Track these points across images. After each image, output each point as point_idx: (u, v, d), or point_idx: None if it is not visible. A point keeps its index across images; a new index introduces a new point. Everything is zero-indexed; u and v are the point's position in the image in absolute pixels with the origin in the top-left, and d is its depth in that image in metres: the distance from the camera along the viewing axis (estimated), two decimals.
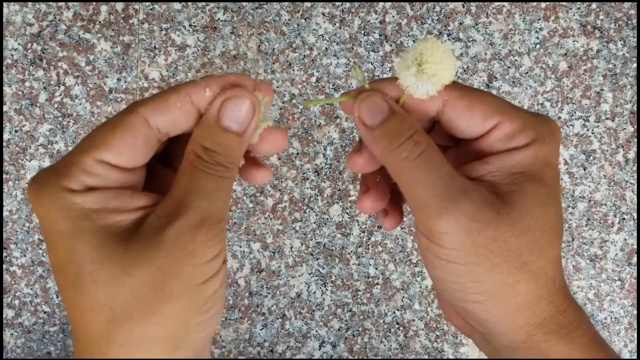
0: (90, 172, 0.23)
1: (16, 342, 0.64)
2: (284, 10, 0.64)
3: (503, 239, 0.24)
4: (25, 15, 0.64)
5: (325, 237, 0.65)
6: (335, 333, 0.65)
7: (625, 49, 0.65)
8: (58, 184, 0.23)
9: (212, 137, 0.24)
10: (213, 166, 0.24)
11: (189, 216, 0.23)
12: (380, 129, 0.25)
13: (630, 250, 0.66)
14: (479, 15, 0.65)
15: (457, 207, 0.23)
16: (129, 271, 0.22)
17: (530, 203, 0.24)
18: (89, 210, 0.23)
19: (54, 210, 0.23)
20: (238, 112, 0.24)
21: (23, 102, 0.63)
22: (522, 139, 0.25)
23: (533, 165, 0.25)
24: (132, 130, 0.24)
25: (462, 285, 0.25)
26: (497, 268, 0.24)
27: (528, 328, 0.25)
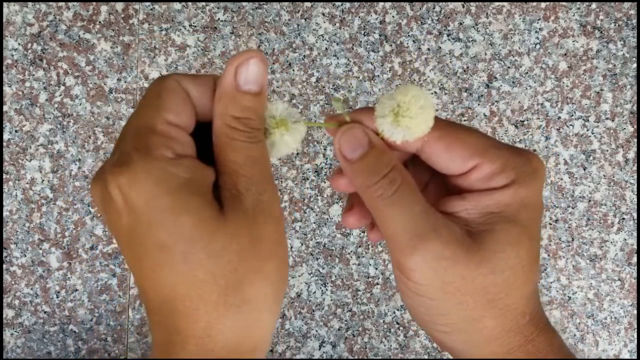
0: (169, 136, 0.24)
1: (16, 342, 0.64)
2: (284, 11, 0.64)
3: (470, 277, 0.25)
4: (26, 15, 0.64)
5: (325, 237, 0.65)
6: (335, 333, 0.65)
7: (625, 49, 0.65)
8: (151, 156, 0.23)
9: (240, 104, 0.25)
10: (250, 133, 0.25)
11: (255, 184, 0.24)
12: (359, 164, 0.26)
13: (630, 250, 0.66)
14: (479, 16, 0.65)
15: (426, 246, 0.24)
16: (234, 239, 0.24)
17: (501, 243, 0.25)
18: (186, 180, 0.23)
19: (152, 185, 0.23)
20: (254, 73, 0.25)
21: (23, 102, 0.64)
22: (501, 180, 0.26)
23: (509, 206, 0.26)
24: (175, 90, 0.25)
25: (430, 317, 0.26)
26: (463, 305, 0.25)
27: (496, 355, 0.26)
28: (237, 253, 0.24)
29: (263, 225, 0.24)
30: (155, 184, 0.23)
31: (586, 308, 0.66)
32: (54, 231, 0.64)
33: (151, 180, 0.23)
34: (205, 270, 0.23)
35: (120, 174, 0.23)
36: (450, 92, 0.65)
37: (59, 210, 0.64)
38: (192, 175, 0.23)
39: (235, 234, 0.24)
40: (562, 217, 0.66)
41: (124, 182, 0.23)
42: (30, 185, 0.64)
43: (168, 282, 0.24)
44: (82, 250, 0.64)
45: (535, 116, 0.65)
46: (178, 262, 0.23)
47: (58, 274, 0.64)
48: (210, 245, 0.23)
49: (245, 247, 0.24)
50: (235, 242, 0.24)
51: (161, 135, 0.24)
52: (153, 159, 0.23)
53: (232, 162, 0.25)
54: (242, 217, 0.24)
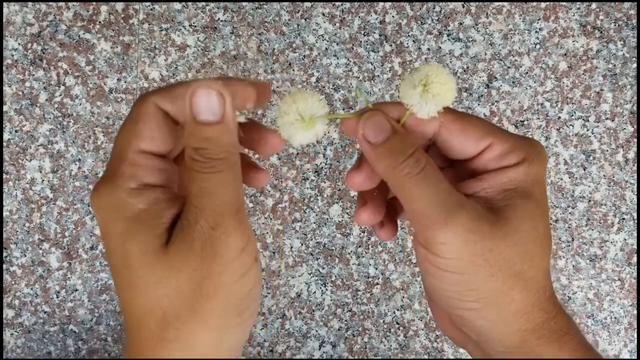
0: (137, 164, 0.25)
1: (16, 342, 0.64)
2: (284, 11, 0.64)
3: (498, 249, 0.25)
4: (26, 15, 0.64)
5: (325, 237, 0.65)
6: (335, 333, 0.65)
7: (625, 49, 0.65)
8: (114, 184, 0.24)
9: (196, 135, 0.25)
10: (207, 163, 0.24)
11: (204, 219, 0.24)
12: (384, 147, 0.26)
13: (630, 250, 0.66)
14: (479, 16, 0.65)
15: (455, 219, 0.25)
16: (172, 274, 0.24)
17: (522, 217, 0.26)
18: (140, 210, 0.24)
19: (110, 211, 0.24)
20: (208, 103, 0.25)
21: (23, 102, 0.64)
22: (513, 158, 0.27)
23: (524, 182, 0.27)
24: (150, 115, 0.25)
25: (458, 294, 0.26)
26: (492, 277, 0.25)
27: (522, 333, 0.26)
28: (174, 288, 0.24)
29: (210, 264, 0.24)
30: (113, 210, 0.24)
31: (586, 308, 0.66)
32: (54, 231, 0.64)
33: (111, 208, 0.24)
34: (144, 300, 0.24)
35: (92, 199, 0.25)
36: None
37: (59, 210, 0.64)
38: (148, 206, 0.24)
39: (174, 268, 0.24)
40: (562, 217, 0.66)
41: (94, 206, 0.25)
42: (30, 185, 0.64)
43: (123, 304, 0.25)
44: (82, 250, 0.64)
45: (535, 116, 0.65)
46: (125, 288, 0.24)
47: (58, 274, 0.64)
48: (147, 276, 0.24)
49: (184, 283, 0.24)
50: (173, 276, 0.24)
51: (129, 164, 0.25)
52: (116, 187, 0.24)
53: (190, 193, 0.25)
54: (187, 251, 0.24)
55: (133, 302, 0.24)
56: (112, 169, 0.25)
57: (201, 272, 0.24)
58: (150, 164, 0.25)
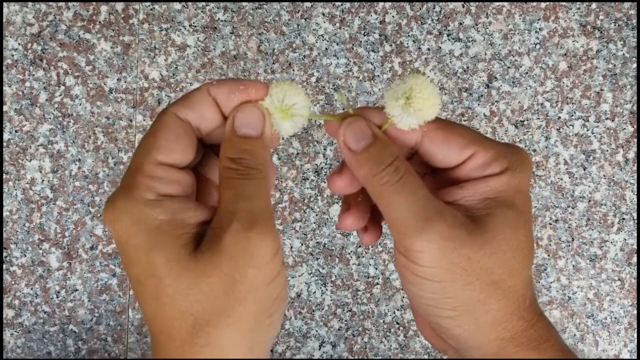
0: (154, 176, 0.25)
1: (16, 342, 0.64)
2: (284, 11, 0.64)
3: (475, 258, 0.25)
4: (26, 15, 0.64)
5: (325, 237, 0.65)
6: (335, 333, 0.65)
7: (625, 49, 0.65)
8: (131, 196, 0.24)
9: (235, 147, 0.26)
10: (244, 170, 0.26)
11: (239, 221, 0.24)
12: (364, 154, 0.27)
13: (630, 250, 0.66)
14: (479, 16, 0.65)
15: (432, 226, 0.25)
16: (203, 280, 0.24)
17: (502, 226, 0.26)
18: (161, 221, 0.24)
19: (129, 224, 0.24)
20: (250, 118, 0.26)
21: (23, 102, 0.64)
22: (496, 167, 0.27)
23: (505, 191, 0.27)
24: (171, 127, 0.26)
25: (436, 302, 0.26)
26: (469, 285, 0.25)
27: (499, 342, 0.26)
28: (206, 293, 0.24)
29: (243, 267, 0.24)
30: (132, 223, 0.24)
31: (586, 308, 0.66)
32: (54, 231, 0.64)
33: (130, 220, 0.24)
34: (172, 308, 0.24)
35: (107, 212, 0.25)
36: (450, 92, 0.65)
37: (59, 210, 0.64)
38: (170, 216, 0.24)
39: (204, 274, 0.24)
40: (562, 217, 0.66)
41: (111, 219, 0.25)
42: (30, 185, 0.64)
43: (145, 314, 0.25)
44: (82, 250, 0.64)
45: (535, 116, 0.65)
46: (151, 298, 0.24)
47: (58, 274, 0.64)
48: (176, 284, 0.24)
49: (216, 288, 0.24)
50: (204, 282, 0.24)
51: (147, 176, 0.25)
52: (134, 199, 0.24)
53: (223, 200, 0.25)
54: (217, 257, 0.24)
55: (160, 311, 0.24)
56: (129, 182, 0.25)
57: (233, 275, 0.24)
58: (169, 175, 0.25)
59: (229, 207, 0.25)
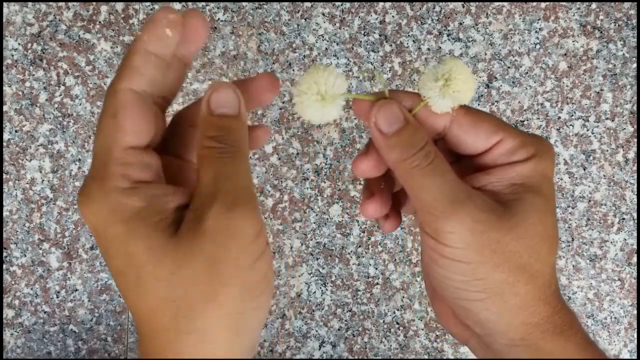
0: (126, 163, 0.24)
1: (16, 342, 0.64)
2: (284, 11, 0.64)
3: (505, 241, 0.26)
4: (26, 15, 0.64)
5: (325, 237, 0.65)
6: (335, 333, 0.65)
7: (625, 49, 0.65)
8: (105, 186, 0.23)
9: (213, 125, 0.25)
10: (224, 148, 0.25)
11: (220, 202, 0.23)
12: (396, 138, 0.27)
13: (630, 250, 0.66)
14: (479, 16, 0.65)
15: (463, 209, 0.25)
16: (184, 264, 0.23)
17: (530, 211, 0.26)
18: (138, 209, 0.23)
19: (105, 214, 0.23)
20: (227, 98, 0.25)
21: (23, 102, 0.64)
22: (522, 154, 0.27)
23: (532, 177, 0.27)
24: (131, 104, 0.24)
25: (465, 284, 0.26)
26: (499, 267, 0.26)
27: (526, 327, 0.27)
28: (188, 278, 0.23)
29: (225, 248, 0.23)
30: (109, 213, 0.23)
31: (586, 308, 0.66)
32: (54, 231, 0.64)
33: (106, 210, 0.23)
34: (154, 296, 0.23)
35: (82, 204, 0.24)
36: None
37: (59, 210, 0.64)
38: (146, 203, 0.24)
39: (186, 258, 0.23)
40: (562, 217, 0.66)
41: (85, 210, 0.24)
42: (30, 185, 0.64)
43: (131, 305, 0.24)
44: (82, 250, 0.64)
45: (535, 116, 0.65)
46: (132, 287, 0.24)
47: (58, 274, 0.64)
48: (157, 271, 0.23)
49: (199, 271, 0.23)
50: (186, 266, 0.23)
51: (118, 163, 0.24)
52: (108, 189, 0.23)
53: (202, 180, 0.24)
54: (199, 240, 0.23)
55: (142, 300, 0.24)
56: (100, 170, 0.24)
57: (216, 258, 0.23)
58: (140, 159, 0.24)
59: (209, 187, 0.24)
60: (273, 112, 0.64)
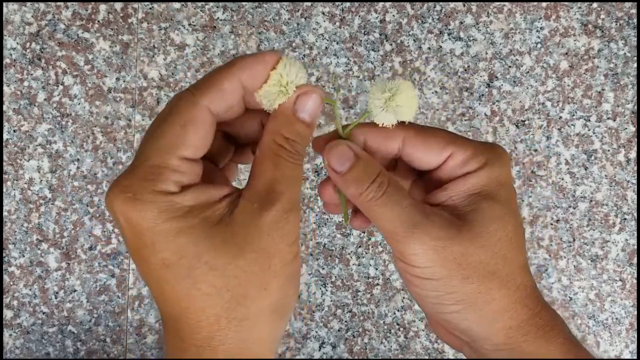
0: (180, 172, 0.25)
1: (15, 342, 0.64)
2: (284, 10, 0.64)
3: (468, 252, 0.27)
4: (24, 14, 0.63)
5: (325, 237, 0.65)
6: (335, 334, 0.65)
7: (626, 49, 0.65)
8: (156, 189, 0.25)
9: (292, 128, 0.27)
10: (294, 155, 0.27)
11: (282, 203, 0.26)
12: (349, 175, 0.28)
13: (631, 250, 0.65)
14: (480, 15, 0.65)
15: (421, 229, 0.27)
16: (240, 254, 0.25)
17: (489, 218, 0.27)
18: (189, 207, 0.25)
19: (156, 213, 0.24)
20: (311, 105, 0.28)
21: (21, 101, 0.63)
22: (474, 164, 0.28)
23: (486, 185, 0.28)
24: (203, 123, 0.26)
25: (439, 299, 0.28)
26: (468, 279, 0.27)
27: (507, 331, 0.28)
28: (242, 268, 0.25)
29: (279, 244, 0.26)
30: (159, 212, 0.24)
31: (587, 309, 0.66)
32: (52, 231, 0.64)
33: (156, 210, 0.24)
34: (208, 284, 0.24)
35: (125, 201, 0.24)
36: (451, 91, 0.65)
37: (58, 210, 0.64)
38: (195, 201, 0.25)
39: (243, 249, 0.25)
40: (563, 218, 0.65)
41: (129, 208, 0.24)
42: (29, 185, 0.63)
43: (172, 297, 0.25)
44: (80, 250, 0.64)
45: (537, 116, 0.65)
46: (182, 277, 0.25)
47: (57, 275, 0.64)
48: (214, 260, 0.24)
49: (253, 262, 0.25)
50: (242, 257, 0.25)
51: (172, 170, 0.25)
52: (159, 192, 0.25)
53: (270, 177, 0.26)
54: (256, 231, 0.25)
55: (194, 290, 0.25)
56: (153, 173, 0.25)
57: (270, 251, 0.25)
58: (191, 169, 0.26)
59: (273, 186, 0.26)
60: None
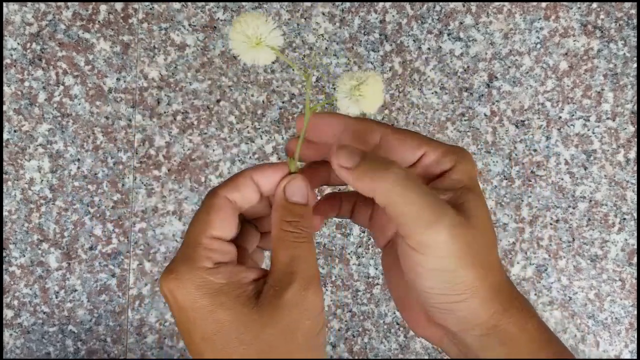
0: (211, 248, 0.30)
1: (15, 342, 0.64)
2: (284, 10, 0.64)
3: (474, 242, 0.28)
4: (25, 14, 0.63)
5: (325, 237, 0.65)
6: (335, 333, 0.65)
7: (625, 49, 0.65)
8: (193, 266, 0.29)
9: (289, 211, 0.31)
10: (299, 234, 0.30)
11: (297, 282, 0.29)
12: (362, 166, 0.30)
13: (630, 250, 0.65)
14: (480, 15, 0.65)
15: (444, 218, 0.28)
16: (266, 330, 0.28)
17: (477, 210, 0.30)
18: (221, 285, 0.29)
19: (193, 289, 0.28)
20: (298, 189, 0.32)
21: (22, 101, 0.63)
22: (448, 162, 0.31)
23: (466, 180, 0.31)
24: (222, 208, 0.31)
25: (447, 290, 0.29)
26: (473, 267, 0.28)
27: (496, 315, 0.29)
28: (268, 342, 0.28)
29: (301, 319, 0.29)
30: (196, 289, 0.28)
31: (587, 308, 0.66)
32: (53, 231, 0.64)
33: (193, 286, 0.28)
34: (239, 355, 0.28)
35: (170, 281, 0.29)
36: (450, 91, 0.65)
37: (58, 210, 0.64)
38: (227, 279, 0.29)
39: (267, 326, 0.28)
40: (562, 217, 0.65)
41: (173, 287, 0.29)
42: (29, 185, 0.64)
43: None
44: (81, 250, 0.64)
45: (536, 116, 0.65)
46: (218, 350, 0.28)
47: (57, 274, 0.64)
48: (243, 335, 0.28)
49: (277, 337, 0.28)
50: (267, 332, 0.28)
51: (204, 248, 0.29)
52: (195, 268, 0.29)
53: (280, 261, 0.30)
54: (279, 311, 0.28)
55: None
56: (188, 253, 0.29)
57: (293, 325, 0.28)
58: (222, 247, 0.30)
59: (288, 267, 0.29)
60: (273, 112, 0.64)
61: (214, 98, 0.64)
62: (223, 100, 0.64)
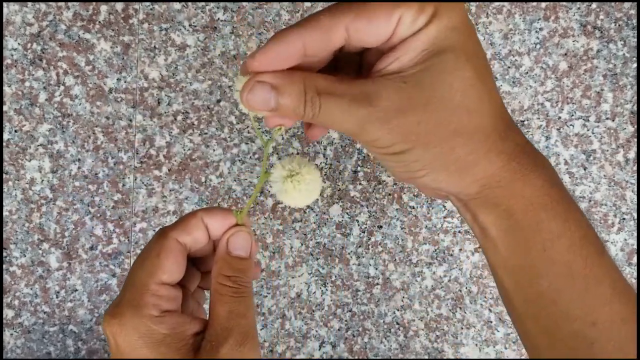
0: (159, 295, 0.29)
1: (16, 342, 0.64)
2: (284, 10, 0.64)
3: (424, 119, 0.26)
4: (25, 15, 0.64)
5: (325, 237, 0.65)
6: (335, 333, 0.65)
7: (625, 49, 0.65)
8: (138, 313, 0.28)
9: (229, 266, 0.31)
10: (238, 289, 0.30)
11: (234, 337, 0.29)
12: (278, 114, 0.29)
13: (630, 250, 0.65)
14: (479, 15, 0.65)
15: (373, 116, 0.26)
16: None
17: (439, 74, 0.26)
18: (164, 335, 0.29)
19: (136, 338, 0.28)
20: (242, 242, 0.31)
21: (23, 102, 0.63)
22: (423, 19, 0.26)
23: (437, 37, 0.26)
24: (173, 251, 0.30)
25: (407, 168, 0.29)
26: (428, 145, 0.27)
27: (478, 181, 0.28)
28: None
29: None
30: (139, 337, 0.28)
31: None
32: (53, 231, 0.64)
33: (137, 334, 0.28)
34: None
35: (113, 325, 0.28)
36: None
37: (59, 210, 0.64)
38: (171, 331, 0.29)
39: None
40: None
41: (116, 331, 0.28)
42: (30, 185, 0.64)
43: None
44: (81, 250, 0.64)
45: (536, 116, 0.65)
46: None
47: (58, 274, 0.64)
48: None
49: None
50: None
51: (152, 294, 0.29)
52: (141, 316, 0.28)
53: (218, 315, 0.29)
54: None
55: None
56: (135, 298, 0.29)
57: None
58: (169, 293, 0.30)
59: (225, 322, 0.29)
60: None
61: (214, 98, 0.64)
62: (223, 101, 0.64)
